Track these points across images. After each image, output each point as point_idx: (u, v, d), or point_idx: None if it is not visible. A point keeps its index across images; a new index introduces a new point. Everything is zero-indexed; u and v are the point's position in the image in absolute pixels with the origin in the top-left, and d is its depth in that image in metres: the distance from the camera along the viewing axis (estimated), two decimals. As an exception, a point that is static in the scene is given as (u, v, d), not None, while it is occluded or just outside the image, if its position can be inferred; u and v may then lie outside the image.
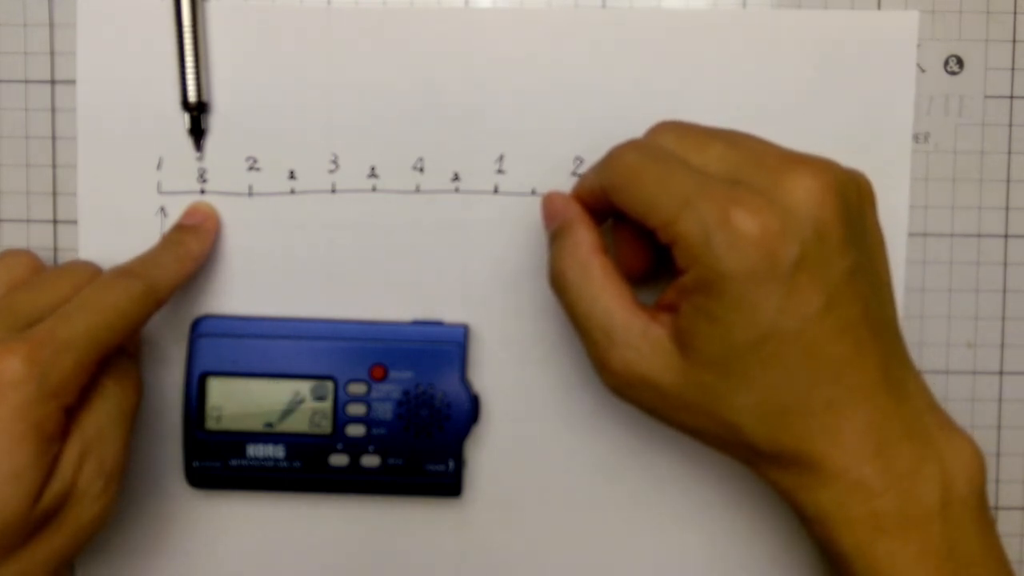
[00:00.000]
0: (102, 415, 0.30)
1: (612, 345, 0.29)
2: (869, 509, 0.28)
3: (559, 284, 0.31)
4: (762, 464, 0.30)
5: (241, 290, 0.37)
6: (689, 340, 0.28)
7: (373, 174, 0.37)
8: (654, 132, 0.31)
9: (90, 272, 0.32)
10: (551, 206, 0.33)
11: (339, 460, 0.35)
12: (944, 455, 0.29)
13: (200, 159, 0.36)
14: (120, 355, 0.32)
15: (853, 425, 0.28)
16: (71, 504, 0.29)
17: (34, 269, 0.33)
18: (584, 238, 0.31)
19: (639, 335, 0.29)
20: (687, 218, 0.27)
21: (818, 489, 0.29)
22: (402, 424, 0.35)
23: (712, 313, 0.27)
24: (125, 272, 0.31)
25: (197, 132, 0.36)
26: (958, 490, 0.29)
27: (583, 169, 0.36)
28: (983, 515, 0.29)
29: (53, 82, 0.36)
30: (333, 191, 0.37)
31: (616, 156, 0.30)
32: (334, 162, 0.36)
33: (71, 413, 0.29)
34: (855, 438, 0.28)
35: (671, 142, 0.30)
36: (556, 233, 0.32)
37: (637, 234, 0.33)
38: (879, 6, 0.36)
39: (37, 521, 0.28)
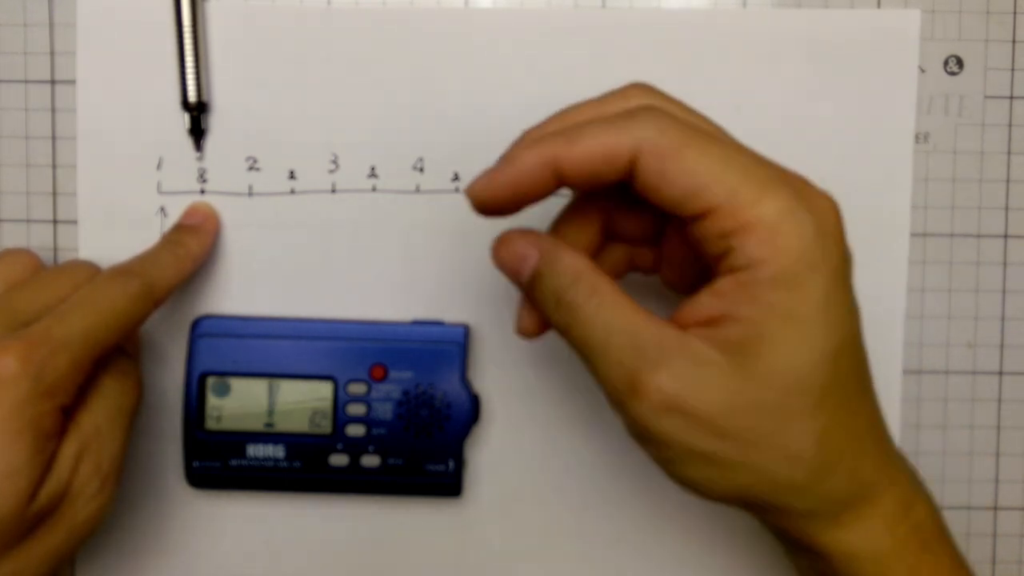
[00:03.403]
0: (100, 415, 0.30)
1: (645, 365, 0.24)
2: (912, 524, 0.27)
3: (563, 314, 0.26)
4: (799, 509, 0.26)
5: (241, 290, 0.37)
6: (757, 349, 0.24)
7: (373, 174, 0.37)
8: (653, 97, 0.27)
9: (89, 271, 0.32)
10: (512, 249, 0.27)
11: (339, 460, 0.35)
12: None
13: (200, 159, 0.36)
14: (120, 355, 0.32)
15: (883, 439, 0.27)
16: (67, 503, 0.29)
17: (33, 268, 0.33)
18: (575, 262, 0.26)
19: (678, 350, 0.24)
20: (774, 200, 0.24)
21: (862, 520, 0.26)
22: (402, 424, 0.35)
23: (797, 314, 0.24)
24: (123, 271, 0.31)
25: (197, 132, 0.36)
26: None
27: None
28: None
29: (53, 82, 0.36)
30: (333, 191, 0.37)
31: (652, 115, 0.25)
32: (334, 162, 0.36)
33: (68, 412, 0.29)
34: (887, 453, 0.27)
35: (684, 115, 0.26)
36: (538, 274, 0.27)
37: (633, 240, 0.29)
38: (879, 5, 0.36)
39: (32, 520, 0.28)
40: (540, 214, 0.30)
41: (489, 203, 0.26)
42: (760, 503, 0.26)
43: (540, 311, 0.27)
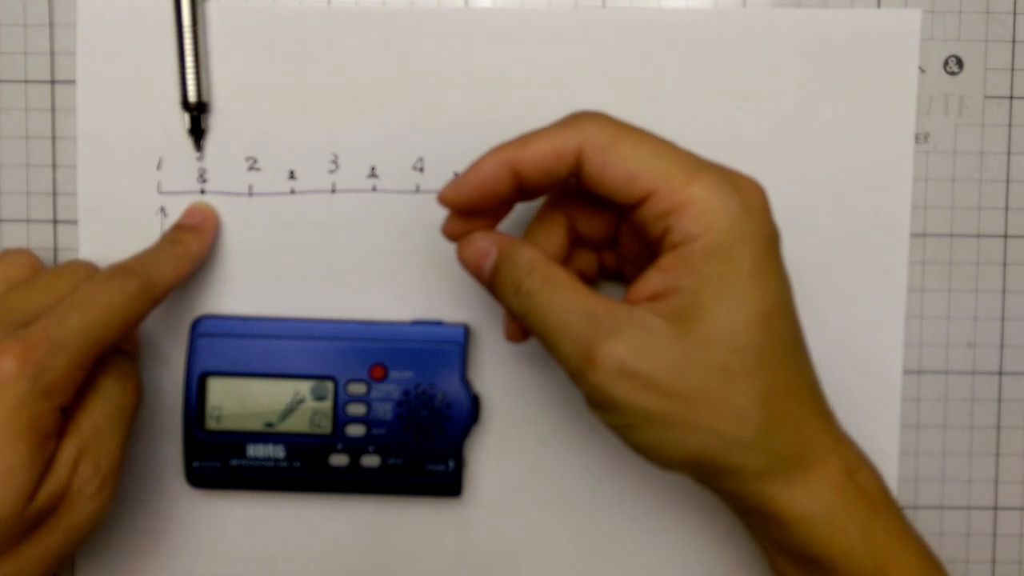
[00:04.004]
0: (100, 415, 0.30)
1: (599, 335, 0.27)
2: (858, 486, 0.29)
3: (521, 301, 0.29)
4: (750, 469, 0.28)
5: (241, 290, 0.37)
6: (698, 314, 0.26)
7: (373, 174, 0.37)
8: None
9: (88, 271, 0.32)
10: (474, 246, 0.30)
11: (339, 460, 0.35)
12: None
13: (200, 159, 0.36)
14: (119, 355, 0.32)
15: (825, 406, 0.30)
16: (66, 504, 0.29)
17: (33, 269, 0.33)
18: (530, 253, 0.29)
19: (628, 321, 0.27)
20: (702, 181, 0.27)
21: (811, 481, 0.28)
22: (402, 424, 0.35)
23: (727, 280, 0.26)
24: (121, 269, 0.31)
25: (197, 132, 0.36)
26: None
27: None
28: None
29: (53, 82, 0.36)
30: (333, 191, 0.37)
31: (592, 117, 0.28)
32: (334, 162, 0.36)
33: (67, 412, 0.29)
34: (830, 419, 0.30)
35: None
36: (497, 267, 0.30)
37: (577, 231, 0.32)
38: (879, 5, 0.36)
39: (31, 520, 0.28)
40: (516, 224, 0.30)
41: (459, 205, 0.30)
42: (713, 465, 0.28)
43: (502, 303, 0.30)
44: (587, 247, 0.33)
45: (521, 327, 0.32)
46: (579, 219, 0.32)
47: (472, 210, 0.30)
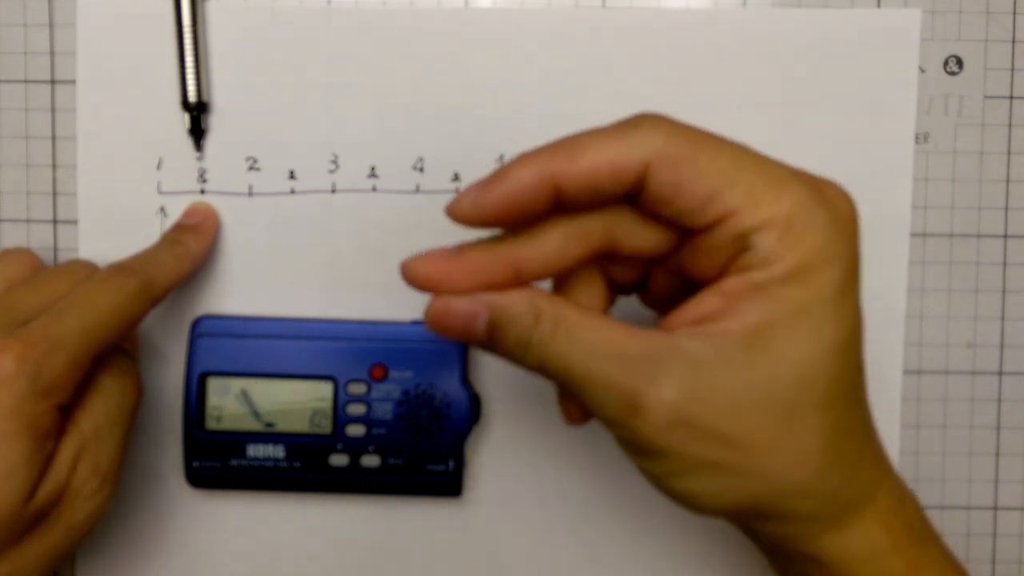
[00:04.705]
0: (99, 414, 0.30)
1: (640, 379, 0.23)
2: (904, 521, 0.27)
3: (535, 357, 0.24)
4: (800, 515, 0.25)
5: (241, 290, 0.37)
6: (766, 344, 0.23)
7: (373, 174, 0.37)
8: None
9: (88, 271, 0.32)
10: (454, 313, 0.24)
11: (339, 460, 0.35)
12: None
13: (200, 159, 0.36)
14: (119, 354, 0.32)
15: (876, 438, 0.27)
16: (65, 503, 0.29)
17: (33, 268, 0.33)
18: (528, 299, 0.24)
19: (672, 357, 0.23)
20: (791, 196, 0.23)
21: (861, 522, 0.26)
22: (402, 424, 0.35)
23: (808, 308, 0.23)
24: (121, 268, 0.31)
25: (197, 132, 0.36)
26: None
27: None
28: None
29: (53, 82, 0.36)
30: (333, 191, 0.37)
31: (657, 124, 0.23)
32: (334, 162, 0.36)
33: (66, 411, 0.29)
34: (881, 451, 0.27)
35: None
36: (493, 326, 0.24)
37: (594, 281, 0.27)
38: (879, 5, 0.36)
39: (30, 520, 0.28)
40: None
41: (475, 221, 0.24)
42: (761, 512, 0.25)
43: (508, 360, 0.25)
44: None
45: (582, 412, 0.27)
46: (612, 267, 0.27)
47: (486, 226, 0.25)
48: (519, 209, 0.24)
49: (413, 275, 0.24)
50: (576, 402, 0.27)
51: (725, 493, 0.24)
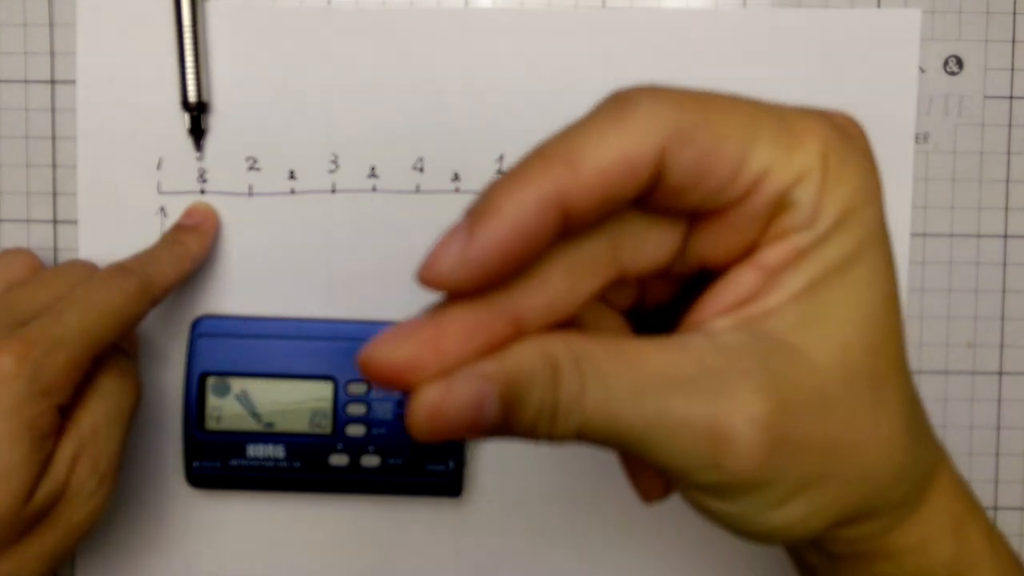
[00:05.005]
0: (98, 414, 0.30)
1: (716, 401, 0.18)
2: (965, 506, 0.23)
3: (569, 426, 0.19)
4: (881, 512, 0.21)
5: (241, 290, 0.37)
6: (828, 314, 0.19)
7: (373, 174, 0.37)
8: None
9: (88, 271, 0.32)
10: (454, 402, 0.18)
11: (339, 460, 0.35)
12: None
13: (200, 159, 0.36)
14: (118, 354, 0.32)
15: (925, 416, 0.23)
16: (64, 503, 0.29)
17: (33, 268, 0.33)
18: (538, 357, 0.18)
19: (740, 358, 0.19)
20: (815, 138, 0.19)
21: (931, 502, 0.22)
22: (402, 424, 0.35)
23: (860, 256, 0.19)
24: (120, 268, 0.31)
25: (197, 132, 0.36)
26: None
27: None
28: None
29: (53, 82, 0.36)
30: (333, 191, 0.37)
31: (654, 97, 0.19)
32: (334, 162, 0.36)
33: (65, 411, 0.29)
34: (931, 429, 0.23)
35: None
36: (508, 405, 0.18)
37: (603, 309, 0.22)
38: (879, 5, 0.36)
39: (29, 519, 0.28)
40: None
41: (467, 282, 0.19)
42: (857, 515, 0.21)
43: (532, 440, 0.19)
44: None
45: (661, 480, 0.23)
46: (610, 292, 0.22)
47: (484, 285, 0.19)
48: (522, 251, 0.18)
49: (380, 370, 0.18)
50: (645, 467, 0.23)
51: (827, 510, 0.20)
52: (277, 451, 0.35)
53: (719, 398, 0.18)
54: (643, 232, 0.20)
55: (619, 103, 0.19)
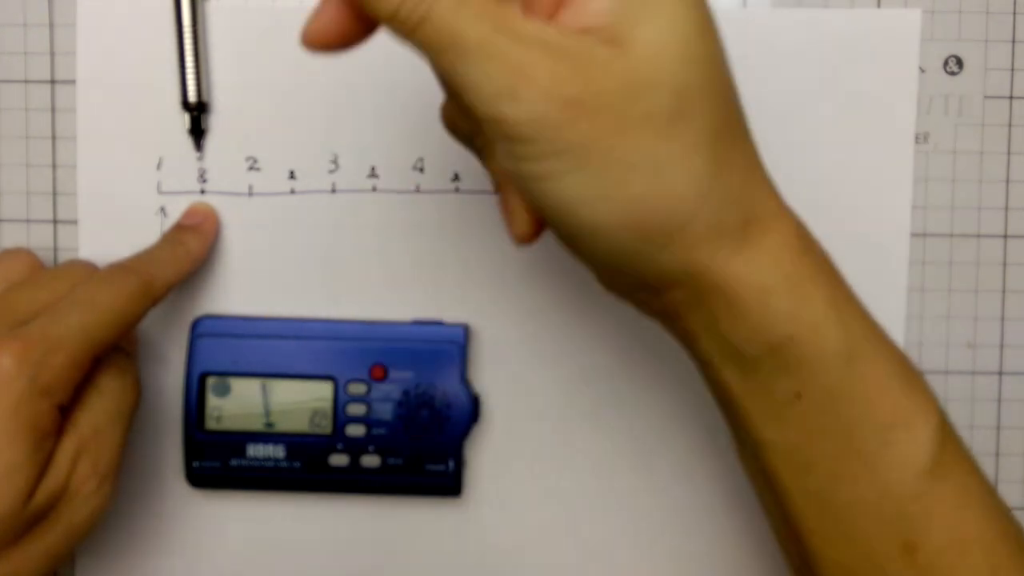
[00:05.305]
0: (98, 414, 0.30)
1: (531, 51, 0.22)
2: (814, 260, 0.25)
3: (432, 12, 0.22)
4: (698, 232, 0.24)
5: (241, 290, 0.37)
6: (637, 29, 0.22)
7: (373, 174, 0.37)
8: None
9: (88, 271, 0.32)
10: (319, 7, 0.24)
11: (339, 460, 0.35)
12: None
13: (200, 159, 0.36)
14: (118, 354, 0.32)
15: (767, 176, 0.26)
16: (64, 503, 0.29)
17: (33, 268, 0.33)
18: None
19: (563, 39, 0.22)
20: None
21: (767, 244, 0.24)
22: (402, 424, 0.35)
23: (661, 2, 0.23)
24: (120, 268, 0.31)
25: (197, 132, 0.36)
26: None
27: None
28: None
29: (53, 82, 0.36)
30: (333, 191, 0.37)
31: None
32: (334, 162, 0.36)
33: (66, 411, 0.29)
34: (775, 190, 0.26)
35: None
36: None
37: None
38: (879, 5, 0.36)
39: (29, 519, 0.28)
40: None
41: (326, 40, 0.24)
42: (656, 226, 0.23)
43: (391, 29, 0.23)
44: None
45: (533, 218, 0.26)
46: None
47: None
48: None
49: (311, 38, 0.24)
50: (519, 203, 0.26)
51: (613, 195, 0.23)
52: (277, 451, 0.35)
53: (534, 53, 0.22)
54: None
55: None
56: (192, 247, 0.35)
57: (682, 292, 0.25)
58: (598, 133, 0.22)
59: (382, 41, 0.32)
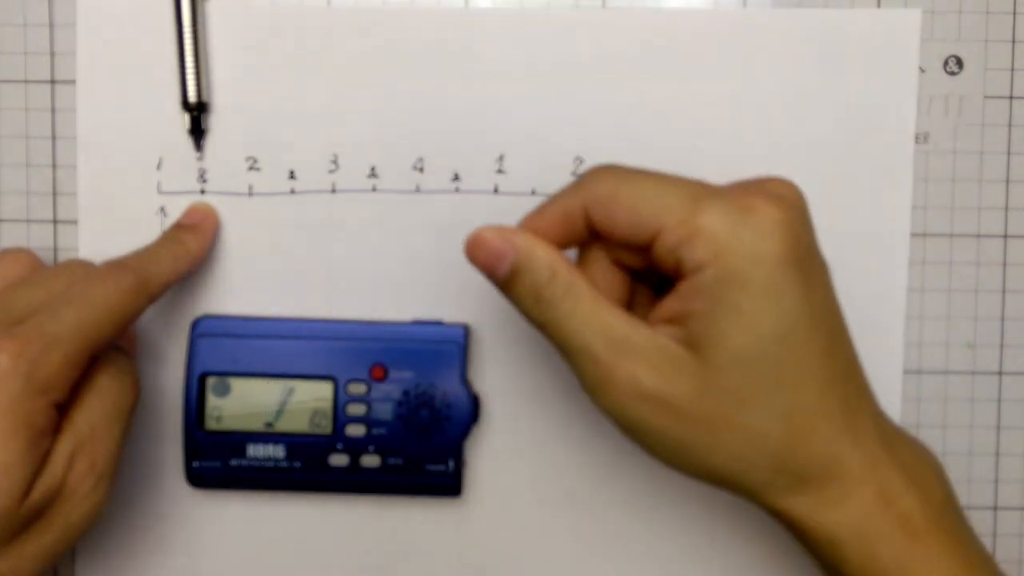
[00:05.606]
0: (96, 412, 0.30)
1: (618, 356, 0.27)
2: (897, 514, 0.28)
3: (542, 311, 0.28)
4: (778, 487, 0.28)
5: (241, 290, 0.37)
6: (711, 341, 0.27)
7: (373, 174, 0.37)
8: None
9: (86, 269, 0.32)
10: (487, 248, 0.29)
11: (339, 460, 0.35)
12: (926, 452, 0.30)
13: (200, 159, 0.36)
14: (116, 353, 0.32)
15: (866, 425, 0.28)
16: (61, 501, 0.29)
17: (32, 267, 0.33)
18: (551, 257, 0.28)
19: (648, 343, 0.27)
20: (708, 210, 0.26)
21: (842, 503, 0.28)
22: (402, 424, 0.35)
23: (739, 306, 0.26)
24: (118, 265, 0.31)
25: (197, 132, 0.36)
26: (948, 482, 0.30)
27: (583, 168, 0.36)
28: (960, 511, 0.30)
29: (53, 82, 0.36)
30: (333, 191, 0.37)
31: (596, 172, 0.29)
32: (334, 162, 0.36)
33: (62, 409, 0.29)
34: (870, 439, 0.28)
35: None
36: (514, 272, 0.28)
37: (610, 263, 0.30)
38: (879, 5, 0.36)
39: (26, 518, 0.28)
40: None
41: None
42: (737, 484, 0.28)
43: (518, 308, 0.29)
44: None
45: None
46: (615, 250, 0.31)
47: None
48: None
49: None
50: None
51: (696, 464, 0.28)
52: (277, 451, 0.35)
53: (622, 360, 0.27)
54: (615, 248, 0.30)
55: (580, 178, 0.29)
56: (191, 246, 0.35)
57: (774, 519, 0.29)
58: (669, 423, 0.27)
59: (382, 41, 0.32)
